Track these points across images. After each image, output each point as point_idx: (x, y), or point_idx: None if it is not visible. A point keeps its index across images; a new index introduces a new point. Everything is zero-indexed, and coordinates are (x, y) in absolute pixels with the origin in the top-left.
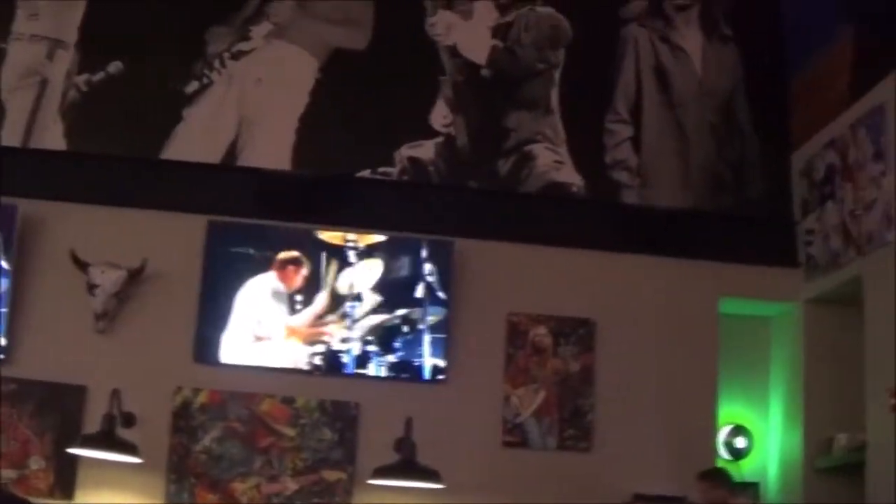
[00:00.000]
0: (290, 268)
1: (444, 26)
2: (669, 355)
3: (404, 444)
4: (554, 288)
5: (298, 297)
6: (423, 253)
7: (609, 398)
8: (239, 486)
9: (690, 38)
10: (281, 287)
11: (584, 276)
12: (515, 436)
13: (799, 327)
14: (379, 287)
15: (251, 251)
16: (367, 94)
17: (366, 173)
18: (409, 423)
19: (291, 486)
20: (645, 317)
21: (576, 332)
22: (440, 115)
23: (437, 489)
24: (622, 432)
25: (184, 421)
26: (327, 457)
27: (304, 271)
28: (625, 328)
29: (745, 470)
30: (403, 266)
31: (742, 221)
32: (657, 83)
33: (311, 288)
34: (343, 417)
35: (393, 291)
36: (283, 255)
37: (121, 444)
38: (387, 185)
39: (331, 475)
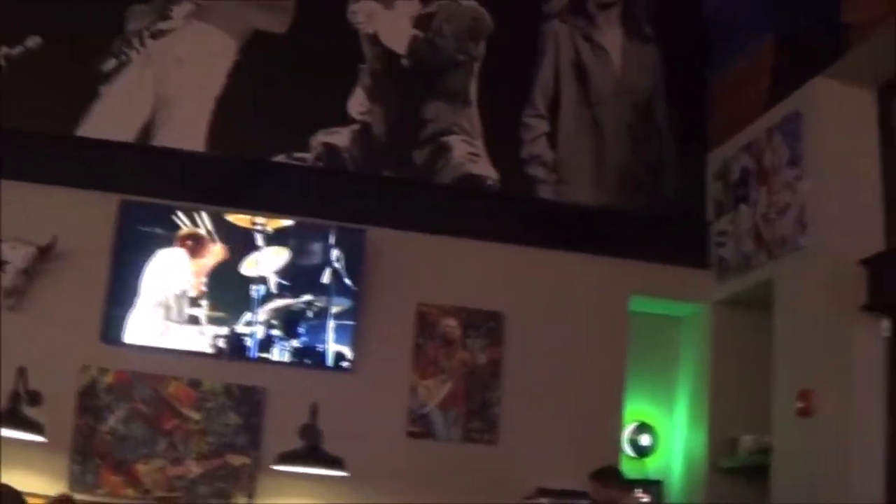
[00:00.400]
0: (190, 243)
1: (365, 14)
2: (578, 351)
3: (309, 431)
4: (465, 280)
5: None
6: (333, 240)
7: (516, 392)
8: (143, 468)
9: (611, 36)
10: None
11: (495, 270)
12: (421, 426)
13: (708, 328)
14: (286, 272)
15: (162, 232)
16: (286, 78)
17: (281, 158)
18: (314, 410)
19: (195, 469)
20: (555, 312)
21: (485, 325)
22: (358, 103)
23: (341, 477)
24: (528, 426)
25: (90, 401)
26: (232, 441)
27: (207, 248)
28: (534, 323)
29: (649, 467)
30: (312, 252)
31: (655, 221)
32: (576, 80)
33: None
34: (249, 402)
35: (300, 277)
36: (184, 231)
37: (26, 422)
38: (301, 171)
39: (235, 460)
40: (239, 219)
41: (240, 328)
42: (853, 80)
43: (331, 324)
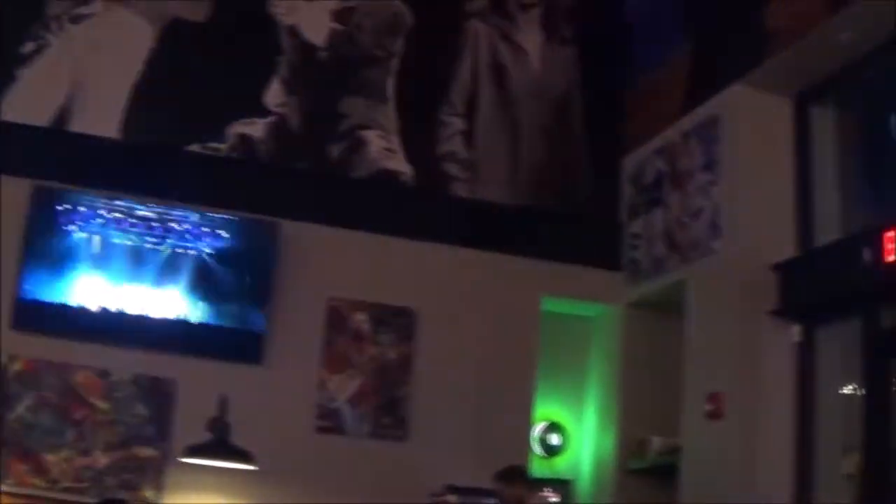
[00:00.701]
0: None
1: (285, 5)
2: (489, 349)
3: (217, 424)
4: (377, 275)
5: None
6: (248, 232)
7: (426, 388)
8: (50, 458)
9: (531, 37)
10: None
11: (408, 265)
12: (330, 421)
13: (618, 329)
14: (201, 264)
15: (76, 219)
16: (203, 67)
17: (195, 147)
18: (222, 403)
19: (103, 460)
20: (467, 310)
21: (396, 321)
22: (275, 95)
23: (250, 471)
24: (438, 423)
25: None
26: (140, 433)
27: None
28: (446, 320)
29: (559, 467)
30: (227, 244)
31: (568, 221)
32: (494, 79)
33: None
34: (158, 393)
35: (215, 269)
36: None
37: None
38: (215, 161)
39: (143, 452)
40: (154, 211)
41: (154, 316)
42: (771, 88)
43: (242, 316)
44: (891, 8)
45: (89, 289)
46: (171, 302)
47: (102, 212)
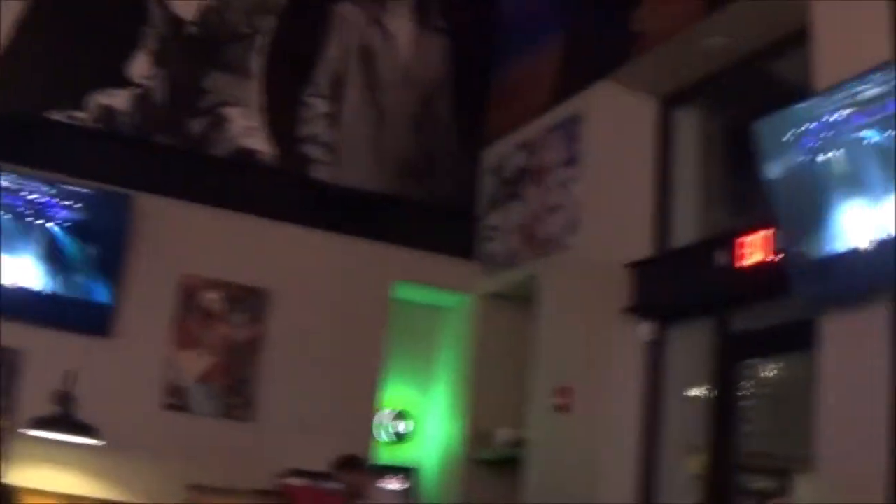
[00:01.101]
0: None
1: None
2: (340, 334)
3: (62, 397)
4: (232, 254)
5: None
6: (101, 205)
7: (276, 370)
8: None
9: (402, 24)
10: None
11: (263, 246)
12: (178, 399)
13: (470, 320)
14: (53, 234)
15: None
16: (71, 35)
17: (58, 116)
18: (68, 376)
19: None
20: (319, 293)
21: (248, 301)
22: (141, 67)
23: (96, 446)
24: (286, 406)
25: None
26: None
27: None
28: (298, 302)
29: (404, 454)
30: (80, 216)
31: (427, 210)
32: (363, 64)
33: None
34: (5, 363)
35: (67, 240)
36: None
37: None
38: (75, 131)
39: None
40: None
41: (3, 285)
42: (636, 88)
43: (91, 288)
44: (760, 16)
45: None
46: (22, 271)
47: None
